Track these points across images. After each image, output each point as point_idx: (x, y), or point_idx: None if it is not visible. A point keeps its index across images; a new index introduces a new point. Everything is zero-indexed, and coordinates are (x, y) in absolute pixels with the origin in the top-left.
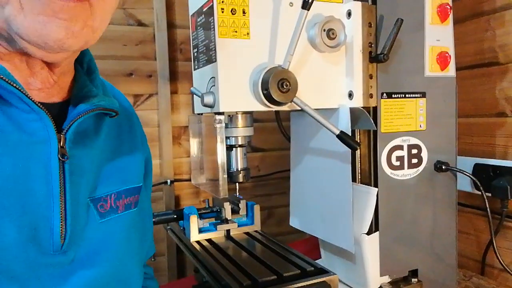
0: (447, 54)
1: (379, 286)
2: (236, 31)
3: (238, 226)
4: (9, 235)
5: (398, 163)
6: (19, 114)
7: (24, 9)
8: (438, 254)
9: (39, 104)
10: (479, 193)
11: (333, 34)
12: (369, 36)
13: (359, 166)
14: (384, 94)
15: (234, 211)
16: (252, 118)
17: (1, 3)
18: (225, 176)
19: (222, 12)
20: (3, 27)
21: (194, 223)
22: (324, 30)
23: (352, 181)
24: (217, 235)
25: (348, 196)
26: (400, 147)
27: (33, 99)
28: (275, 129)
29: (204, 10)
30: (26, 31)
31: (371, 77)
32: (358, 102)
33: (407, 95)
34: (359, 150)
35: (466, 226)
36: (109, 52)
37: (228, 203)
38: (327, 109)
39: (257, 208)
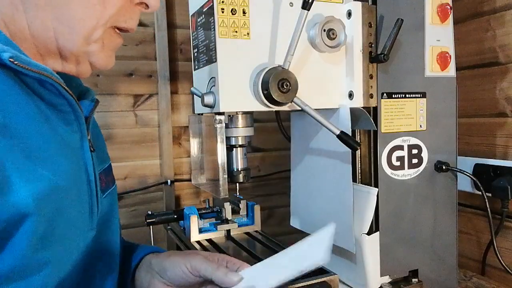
0: (447, 54)
1: (379, 286)
2: (236, 31)
3: (238, 226)
4: (78, 220)
5: (398, 163)
6: (65, 116)
7: (104, 47)
8: (438, 254)
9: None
10: (480, 193)
11: (333, 34)
12: (369, 36)
13: (359, 166)
14: (385, 94)
15: (234, 211)
16: (252, 118)
17: (90, 41)
18: (225, 176)
19: (222, 12)
20: (76, 53)
21: (194, 223)
22: (324, 30)
23: (353, 181)
24: (217, 235)
25: (349, 196)
26: (400, 147)
27: (77, 101)
28: (275, 129)
29: (204, 10)
30: (100, 62)
31: (371, 77)
32: (358, 102)
33: (407, 95)
34: (359, 150)
35: (466, 226)
36: None
37: (228, 203)
38: (327, 109)
39: (257, 208)
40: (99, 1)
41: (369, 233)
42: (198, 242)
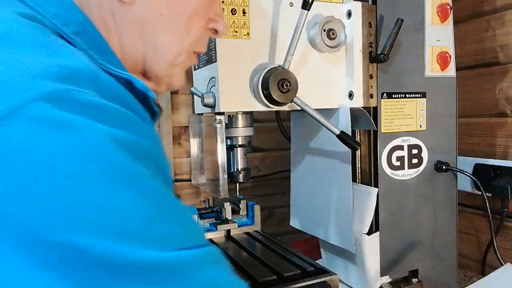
0: (447, 54)
1: (379, 286)
2: (236, 31)
3: (238, 226)
4: None
5: (398, 163)
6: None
7: (183, 69)
8: (438, 254)
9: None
10: (480, 193)
11: (333, 34)
12: (369, 36)
13: (359, 166)
14: (385, 94)
15: (234, 211)
16: (252, 118)
17: (174, 65)
18: (225, 176)
19: (223, 12)
20: (159, 75)
21: None
22: (324, 30)
23: (353, 181)
24: (217, 235)
25: (349, 196)
26: (400, 147)
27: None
28: (275, 129)
29: None
30: (178, 82)
31: (371, 77)
32: (358, 102)
33: (407, 95)
34: (359, 150)
35: (466, 226)
36: None
37: (228, 203)
38: (327, 109)
39: (257, 208)
40: (184, 29)
41: (369, 233)
42: None
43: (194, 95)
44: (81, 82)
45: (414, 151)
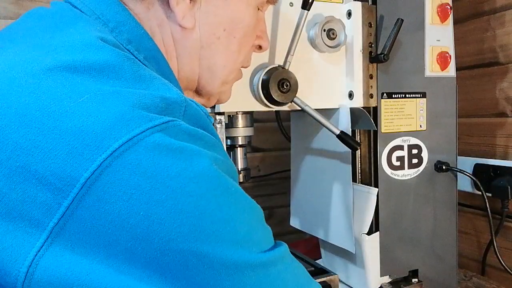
0: (447, 54)
1: (379, 286)
2: None
3: None
4: None
5: (398, 163)
6: None
7: (231, 86)
8: (438, 254)
9: None
10: (480, 193)
11: (333, 34)
12: (369, 36)
13: (359, 166)
14: (385, 94)
15: None
16: (252, 118)
17: (225, 83)
18: None
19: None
20: (211, 93)
21: None
22: (324, 30)
23: (353, 181)
24: None
25: (349, 196)
26: (400, 147)
27: None
28: (275, 129)
29: None
30: (226, 98)
31: (371, 77)
32: (358, 102)
33: (407, 95)
34: (359, 150)
35: (466, 226)
36: None
37: None
38: (327, 109)
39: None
40: (237, 50)
41: (369, 233)
42: None
43: None
44: (174, 112)
45: (414, 151)
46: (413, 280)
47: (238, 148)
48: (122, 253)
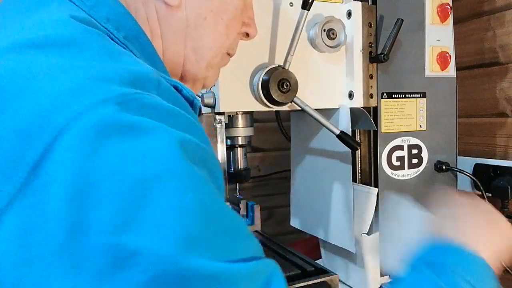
0: (447, 54)
1: (379, 286)
2: None
3: None
4: None
5: (398, 163)
6: None
7: (217, 71)
8: None
9: None
10: (480, 193)
11: (333, 34)
12: (369, 36)
13: (359, 166)
14: (385, 94)
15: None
16: (252, 118)
17: (210, 67)
18: (225, 176)
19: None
20: (196, 77)
21: None
22: (324, 30)
23: (353, 181)
24: None
25: (349, 196)
26: (400, 147)
27: None
28: (275, 129)
29: None
30: (211, 83)
31: (371, 77)
32: (358, 102)
33: (407, 95)
34: (359, 150)
35: None
36: None
37: (228, 203)
38: (327, 109)
39: (257, 208)
40: (224, 32)
41: (369, 233)
42: None
43: None
44: (145, 87)
45: (414, 151)
46: None
47: (238, 148)
48: (55, 249)
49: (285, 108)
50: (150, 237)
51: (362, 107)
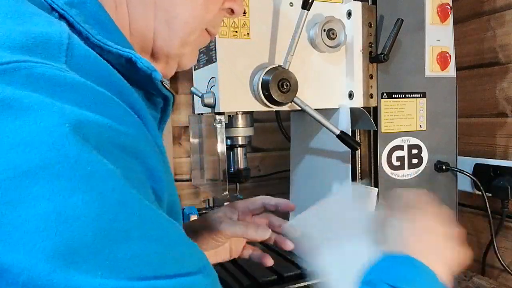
0: (447, 54)
1: None
2: (236, 31)
3: None
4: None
5: (398, 163)
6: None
7: (195, 48)
8: None
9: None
10: (480, 193)
11: (333, 34)
12: (369, 36)
13: (359, 166)
14: (385, 94)
15: None
16: (252, 118)
17: (185, 44)
18: (225, 176)
19: None
20: (169, 55)
21: None
22: (324, 30)
23: (352, 181)
24: None
25: (348, 196)
26: (400, 147)
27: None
28: (275, 129)
29: None
30: (188, 62)
31: (371, 77)
32: (358, 102)
33: (407, 95)
34: (359, 150)
35: (466, 226)
36: None
37: (228, 203)
38: (327, 109)
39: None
40: (203, 6)
41: None
42: None
43: (194, 95)
44: (48, 53)
45: (414, 151)
46: None
47: (238, 148)
48: None
49: (285, 108)
50: (21, 249)
51: (362, 107)
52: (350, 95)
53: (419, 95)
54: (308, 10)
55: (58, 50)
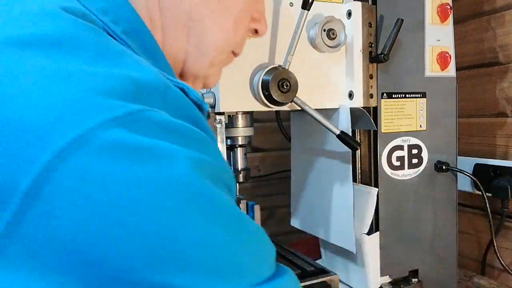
0: (447, 54)
1: (379, 286)
2: None
3: None
4: None
5: (398, 163)
6: None
7: (219, 70)
8: (438, 254)
9: None
10: (480, 193)
11: (333, 34)
12: (369, 36)
13: (359, 166)
14: (385, 94)
15: None
16: (252, 118)
17: (213, 65)
18: None
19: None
20: (197, 75)
21: None
22: (324, 30)
23: (353, 181)
24: None
25: (349, 196)
26: (400, 147)
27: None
28: (275, 129)
29: None
30: (213, 82)
31: (371, 77)
32: (358, 102)
33: (407, 95)
34: (359, 150)
35: (466, 226)
36: None
37: None
38: (327, 109)
39: (257, 208)
40: (233, 28)
41: (369, 233)
42: None
43: None
44: (151, 99)
45: (414, 151)
46: (413, 280)
47: (238, 148)
48: (71, 280)
49: (285, 108)
50: (185, 274)
51: (362, 107)
52: (350, 95)
53: (419, 95)
54: (308, 10)
55: (159, 94)
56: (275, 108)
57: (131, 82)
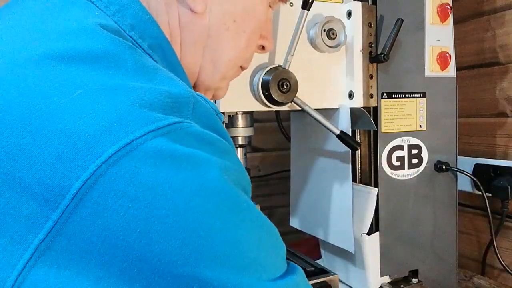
0: (447, 54)
1: (379, 286)
2: None
3: None
4: None
5: (398, 163)
6: None
7: (228, 83)
8: (438, 254)
9: None
10: (480, 193)
11: (333, 34)
12: (369, 36)
13: (359, 166)
14: (385, 94)
15: None
16: (252, 118)
17: (224, 79)
18: None
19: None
20: (209, 88)
21: None
22: (324, 30)
23: (352, 181)
24: None
25: (348, 196)
26: (400, 147)
27: None
28: (275, 129)
29: None
30: (222, 94)
31: (371, 77)
32: (358, 102)
33: (407, 95)
34: (359, 150)
35: (466, 226)
36: None
37: None
38: (327, 109)
39: (257, 208)
40: (245, 45)
41: (369, 233)
42: None
43: None
44: (182, 111)
45: (414, 151)
46: (413, 280)
47: (238, 148)
48: (116, 274)
49: (285, 108)
50: (217, 268)
51: (362, 107)
52: (350, 95)
53: (419, 95)
54: (308, 10)
55: (189, 107)
56: (275, 108)
57: (167, 96)
